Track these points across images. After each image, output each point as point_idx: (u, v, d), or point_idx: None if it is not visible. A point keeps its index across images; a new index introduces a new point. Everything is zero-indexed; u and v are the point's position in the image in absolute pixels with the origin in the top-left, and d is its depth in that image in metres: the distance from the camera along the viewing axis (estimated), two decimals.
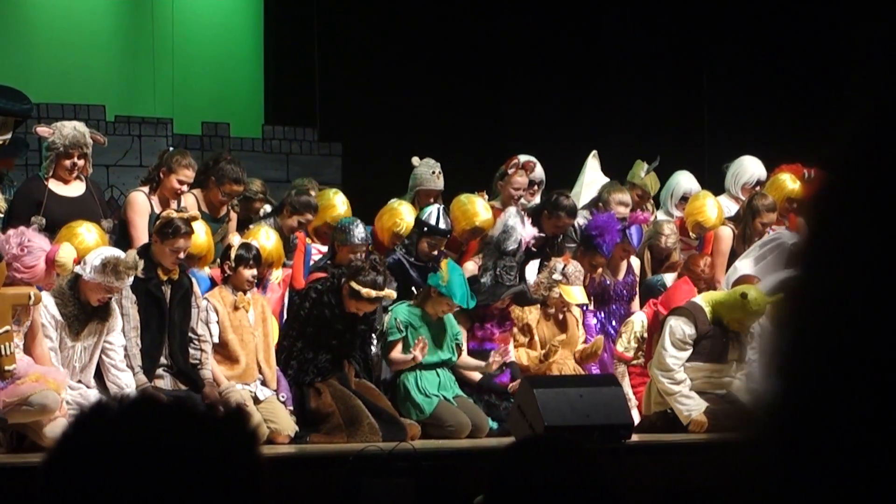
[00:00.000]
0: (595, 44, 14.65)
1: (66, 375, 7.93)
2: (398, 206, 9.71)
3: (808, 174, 10.87)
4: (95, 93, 12.52)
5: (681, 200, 11.01)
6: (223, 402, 8.24)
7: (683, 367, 9.31)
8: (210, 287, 8.89)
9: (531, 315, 9.69)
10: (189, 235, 8.44)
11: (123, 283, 8.01)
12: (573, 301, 9.64)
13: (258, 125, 13.44)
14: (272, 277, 9.29)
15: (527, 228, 9.77)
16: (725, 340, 9.36)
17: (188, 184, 9.22)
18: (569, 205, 10.06)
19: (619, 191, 10.63)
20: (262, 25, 13.87)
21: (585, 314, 10.04)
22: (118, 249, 8.22)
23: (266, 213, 9.79)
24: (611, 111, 14.28)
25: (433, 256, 9.54)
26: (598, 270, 10.06)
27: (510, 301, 9.53)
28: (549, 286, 9.62)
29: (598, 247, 9.97)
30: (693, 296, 9.66)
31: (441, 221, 9.51)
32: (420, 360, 9.02)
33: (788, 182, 11.02)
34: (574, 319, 9.81)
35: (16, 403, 7.61)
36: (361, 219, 9.52)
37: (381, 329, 9.24)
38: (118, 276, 7.89)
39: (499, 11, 14.38)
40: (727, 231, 10.73)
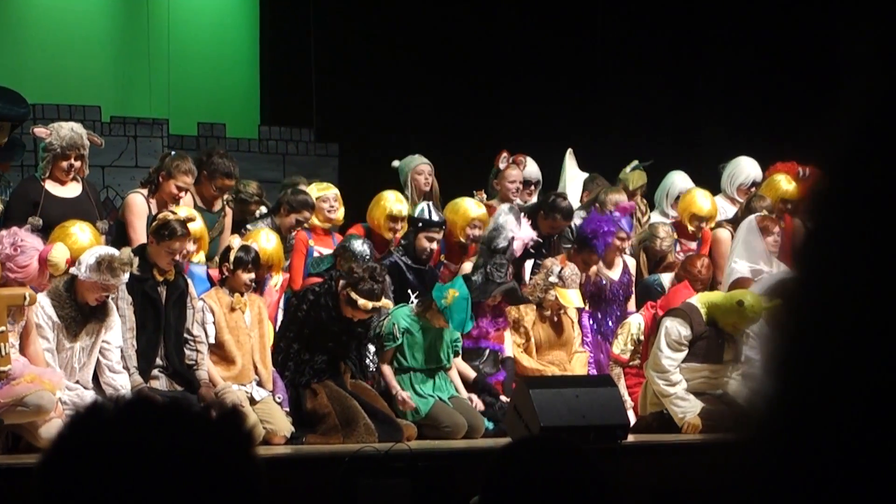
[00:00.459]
0: (591, 45, 14.66)
1: (62, 376, 7.91)
2: (382, 193, 9.91)
3: (804, 172, 10.89)
4: (91, 93, 12.49)
5: (676, 200, 11.04)
6: (219, 403, 8.21)
7: (679, 368, 9.31)
8: (209, 286, 8.89)
9: (527, 317, 9.69)
10: (185, 237, 8.43)
11: (120, 280, 7.98)
12: (570, 305, 9.67)
13: (254, 126, 13.42)
14: (271, 283, 9.28)
15: (526, 229, 9.79)
16: (721, 341, 9.36)
17: (186, 190, 9.20)
18: (566, 207, 10.16)
19: (616, 192, 10.72)
20: (258, 25, 13.86)
21: (581, 314, 10.05)
22: (112, 248, 8.20)
23: (262, 214, 9.78)
24: (606, 112, 14.28)
25: (433, 251, 9.59)
26: (593, 269, 10.07)
27: (501, 298, 9.53)
28: (546, 288, 9.62)
29: (594, 247, 10.00)
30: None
31: (434, 214, 9.64)
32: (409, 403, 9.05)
33: (783, 183, 11.04)
34: (570, 321, 9.82)
35: (11, 404, 7.60)
36: (358, 219, 9.55)
37: (378, 331, 9.24)
38: (114, 273, 7.87)
39: (495, 12, 14.38)
40: (725, 233, 10.74)
